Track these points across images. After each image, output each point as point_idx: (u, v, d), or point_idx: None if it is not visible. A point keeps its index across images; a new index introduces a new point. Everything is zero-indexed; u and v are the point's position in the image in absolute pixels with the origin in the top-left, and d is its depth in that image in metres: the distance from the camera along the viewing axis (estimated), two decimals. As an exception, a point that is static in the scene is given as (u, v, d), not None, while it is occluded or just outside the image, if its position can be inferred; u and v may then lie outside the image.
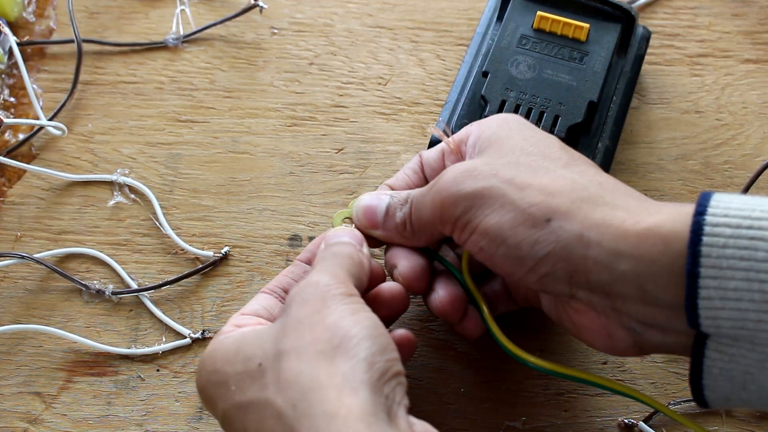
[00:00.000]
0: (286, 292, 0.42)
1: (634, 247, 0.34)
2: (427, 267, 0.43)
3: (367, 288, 0.42)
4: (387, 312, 0.41)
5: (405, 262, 0.43)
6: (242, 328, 0.39)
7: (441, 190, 0.39)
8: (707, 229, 0.33)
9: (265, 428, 0.34)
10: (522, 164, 0.39)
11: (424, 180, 0.46)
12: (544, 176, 0.38)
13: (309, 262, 0.43)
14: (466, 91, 0.51)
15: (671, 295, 0.34)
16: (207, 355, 0.38)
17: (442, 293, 0.42)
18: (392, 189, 0.45)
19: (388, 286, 0.42)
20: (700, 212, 0.33)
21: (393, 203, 0.43)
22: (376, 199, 0.43)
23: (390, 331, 0.41)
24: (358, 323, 0.35)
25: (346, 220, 0.44)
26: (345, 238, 0.41)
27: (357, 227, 0.44)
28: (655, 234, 0.34)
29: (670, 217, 0.34)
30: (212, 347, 0.38)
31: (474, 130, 0.43)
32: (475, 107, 0.50)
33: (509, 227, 0.37)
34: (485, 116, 0.48)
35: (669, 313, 0.34)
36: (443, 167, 0.44)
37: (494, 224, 0.37)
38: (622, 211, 0.36)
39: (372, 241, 0.44)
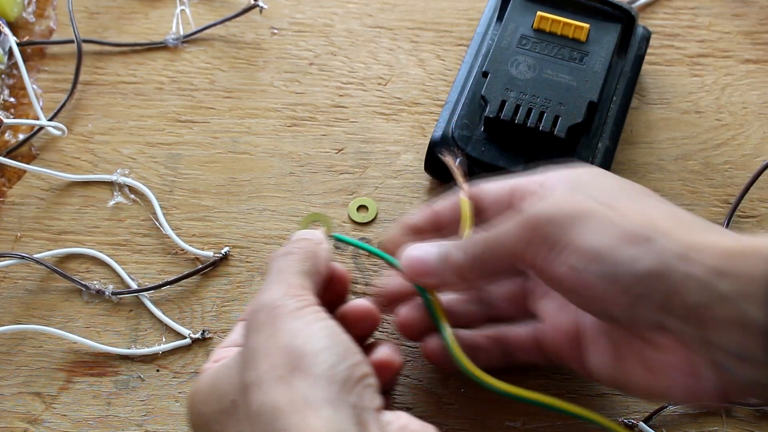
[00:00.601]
0: None
1: (737, 267, 0.33)
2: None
3: (333, 294, 0.41)
4: (356, 332, 0.39)
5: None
6: (219, 362, 0.38)
7: (534, 212, 0.38)
8: None
9: None
10: (621, 197, 0.38)
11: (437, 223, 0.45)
12: (644, 205, 0.38)
13: None
14: (466, 92, 0.51)
15: None
16: (190, 397, 0.38)
17: (402, 312, 0.42)
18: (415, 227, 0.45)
19: (353, 305, 0.41)
20: None
21: (449, 249, 0.41)
22: (426, 251, 0.42)
23: (372, 347, 0.40)
24: (312, 336, 0.34)
25: (314, 224, 0.44)
26: (302, 236, 0.41)
27: (405, 277, 0.42)
28: (759, 252, 0.33)
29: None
30: (193, 388, 0.38)
31: (535, 187, 0.41)
32: (475, 107, 0.50)
33: (608, 245, 0.35)
34: (485, 116, 0.49)
35: (766, 341, 0.33)
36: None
37: (592, 241, 0.36)
38: (725, 236, 0.35)
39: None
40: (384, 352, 0.40)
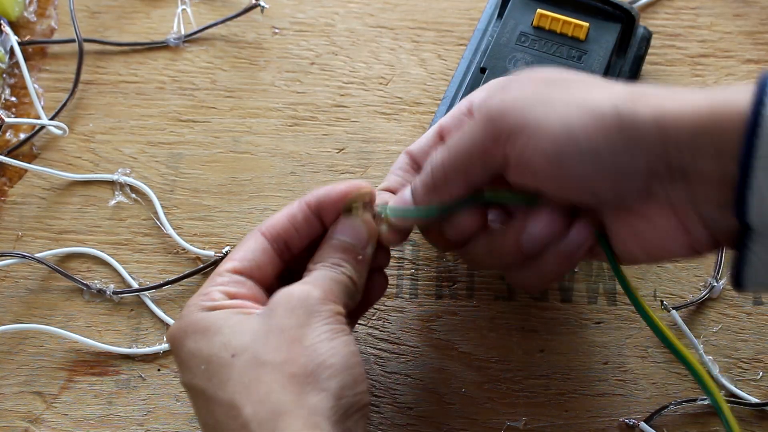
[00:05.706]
0: (287, 245, 0.40)
1: (711, 122, 0.33)
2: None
3: (365, 303, 0.42)
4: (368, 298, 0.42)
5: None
6: (235, 303, 0.37)
7: (490, 105, 0.37)
8: (764, 128, 0.32)
9: (222, 426, 0.34)
10: (564, 81, 0.37)
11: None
12: (592, 85, 0.36)
13: (313, 209, 0.41)
14: (463, 87, 0.51)
15: None
16: (194, 320, 0.37)
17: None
18: (391, 191, 0.43)
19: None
20: (757, 111, 0.32)
21: (413, 182, 0.41)
22: (400, 196, 0.42)
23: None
24: (335, 352, 0.35)
25: (361, 206, 0.41)
26: (348, 241, 0.40)
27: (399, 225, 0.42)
28: (735, 106, 0.33)
29: (740, 92, 0.33)
30: (200, 316, 0.37)
31: (473, 99, 0.42)
32: (475, 106, 0.50)
33: (577, 122, 0.34)
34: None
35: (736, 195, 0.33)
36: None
37: (559, 120, 0.35)
38: (687, 93, 0.34)
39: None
40: (380, 278, 0.43)
